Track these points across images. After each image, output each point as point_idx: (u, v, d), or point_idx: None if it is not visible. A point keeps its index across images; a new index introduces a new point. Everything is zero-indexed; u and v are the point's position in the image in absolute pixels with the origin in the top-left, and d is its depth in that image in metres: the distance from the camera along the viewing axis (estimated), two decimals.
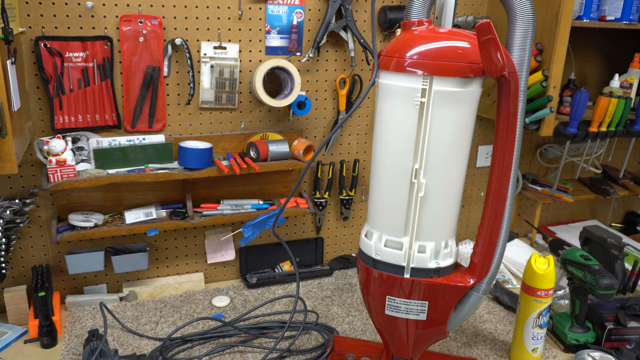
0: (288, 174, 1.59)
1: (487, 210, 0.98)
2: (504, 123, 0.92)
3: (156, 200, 1.48)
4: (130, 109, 1.38)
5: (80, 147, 1.36)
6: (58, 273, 1.45)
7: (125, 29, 1.31)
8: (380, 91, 0.96)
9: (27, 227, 1.39)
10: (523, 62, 0.91)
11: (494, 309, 1.49)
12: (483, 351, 1.30)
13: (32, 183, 1.37)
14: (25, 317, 1.36)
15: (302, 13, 1.47)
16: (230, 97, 1.47)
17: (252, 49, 1.45)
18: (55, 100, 1.30)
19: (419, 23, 0.93)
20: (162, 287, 1.53)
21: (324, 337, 1.32)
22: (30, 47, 1.26)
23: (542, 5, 1.45)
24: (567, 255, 1.30)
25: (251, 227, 1.49)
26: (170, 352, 1.25)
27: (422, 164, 0.92)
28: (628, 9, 1.56)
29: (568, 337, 1.31)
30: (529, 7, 0.88)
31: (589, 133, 1.59)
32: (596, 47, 1.85)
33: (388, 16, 1.51)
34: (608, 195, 1.92)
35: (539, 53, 1.47)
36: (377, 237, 1.00)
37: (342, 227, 1.74)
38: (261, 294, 1.54)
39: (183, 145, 1.39)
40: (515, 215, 1.94)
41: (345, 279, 1.65)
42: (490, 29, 0.79)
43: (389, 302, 1.01)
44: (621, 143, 2.04)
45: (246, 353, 1.27)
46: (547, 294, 1.21)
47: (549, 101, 1.48)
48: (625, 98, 1.56)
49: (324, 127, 1.61)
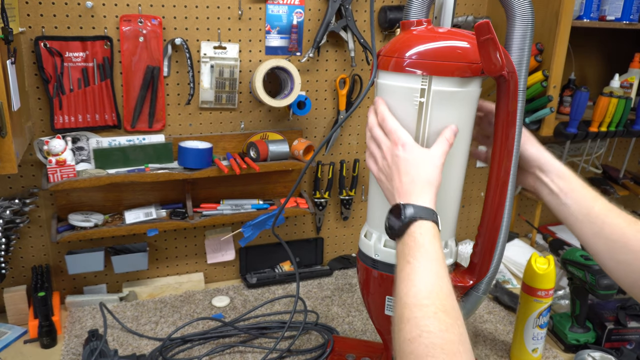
0: (288, 174, 1.59)
1: (487, 210, 0.98)
2: (504, 123, 0.92)
3: (156, 200, 1.48)
4: (130, 109, 1.38)
5: (80, 147, 1.36)
6: (58, 273, 1.45)
7: (125, 29, 1.31)
8: (380, 91, 0.95)
9: (27, 227, 1.39)
10: (522, 62, 0.91)
11: (494, 309, 1.49)
12: (483, 351, 1.30)
13: (32, 183, 1.37)
14: (25, 317, 1.36)
15: (302, 13, 1.47)
16: (230, 97, 1.47)
17: (252, 49, 1.45)
18: (55, 100, 1.30)
19: (418, 23, 0.93)
20: (162, 287, 1.53)
21: (324, 337, 1.32)
22: (30, 47, 1.26)
23: (542, 5, 1.45)
24: (567, 255, 1.30)
25: (251, 227, 1.49)
26: (170, 352, 1.25)
27: None
28: (628, 9, 1.56)
29: (568, 337, 1.31)
30: (528, 7, 0.88)
31: (589, 133, 1.59)
32: (596, 47, 1.85)
33: (388, 16, 1.51)
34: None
35: (539, 53, 1.47)
36: (376, 237, 1.00)
37: (342, 227, 1.74)
38: (261, 294, 1.54)
39: (183, 145, 1.39)
40: (515, 215, 1.94)
41: (345, 279, 1.65)
42: (489, 28, 0.79)
43: (389, 302, 1.01)
44: (621, 143, 2.04)
45: (246, 353, 1.27)
46: (547, 294, 1.21)
47: (549, 101, 1.48)
48: (626, 98, 1.56)
49: (324, 127, 1.61)
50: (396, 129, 0.87)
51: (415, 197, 0.81)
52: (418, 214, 0.79)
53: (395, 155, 0.85)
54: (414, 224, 0.78)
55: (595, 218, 0.88)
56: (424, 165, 0.84)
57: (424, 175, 0.83)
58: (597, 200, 0.90)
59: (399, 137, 0.86)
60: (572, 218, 0.91)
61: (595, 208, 0.89)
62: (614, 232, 0.86)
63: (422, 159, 0.84)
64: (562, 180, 0.93)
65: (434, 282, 0.72)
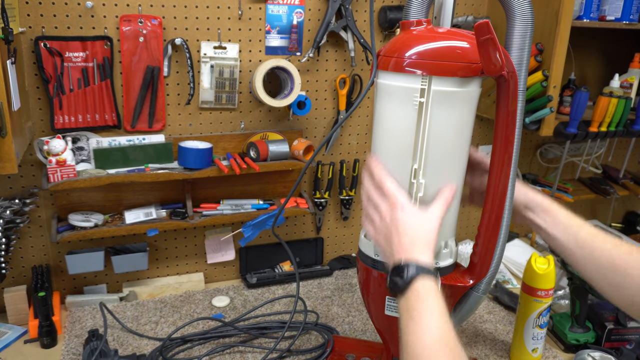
0: (288, 174, 1.59)
1: (487, 210, 0.98)
2: (504, 123, 0.92)
3: (156, 200, 1.48)
4: (130, 109, 1.38)
5: (80, 147, 1.36)
6: (58, 273, 1.45)
7: (125, 29, 1.31)
8: (379, 91, 0.96)
9: (27, 227, 1.39)
10: (522, 62, 0.91)
11: (494, 309, 1.49)
12: (483, 351, 1.30)
13: (32, 183, 1.37)
14: (25, 317, 1.36)
15: (302, 13, 1.47)
16: (230, 97, 1.47)
17: (252, 49, 1.45)
18: (55, 100, 1.30)
19: (417, 23, 0.93)
20: (162, 287, 1.53)
21: (324, 337, 1.32)
22: (30, 47, 1.26)
23: (542, 5, 1.45)
24: None
25: (251, 227, 1.49)
26: (170, 352, 1.25)
27: (422, 164, 0.92)
28: (628, 9, 1.55)
29: (568, 337, 1.31)
30: (528, 7, 0.88)
31: (589, 133, 1.59)
32: (596, 47, 1.85)
33: (388, 16, 1.51)
34: (608, 195, 1.92)
35: (539, 53, 1.47)
36: None
37: (342, 227, 1.74)
38: (261, 294, 1.54)
39: (183, 145, 1.39)
40: None
41: (345, 279, 1.65)
42: (489, 28, 0.79)
43: (389, 302, 1.01)
44: (621, 143, 2.04)
45: (246, 353, 1.27)
46: (547, 294, 1.21)
47: (549, 101, 1.48)
48: (625, 98, 1.56)
49: (324, 127, 1.61)
50: (394, 191, 0.90)
51: (415, 256, 0.85)
52: (420, 272, 0.83)
53: (395, 217, 0.89)
54: (417, 282, 0.82)
55: (583, 244, 0.92)
56: (422, 227, 0.88)
57: (423, 237, 0.87)
58: (582, 228, 0.94)
59: (397, 199, 0.90)
60: (564, 248, 0.95)
61: (582, 235, 0.93)
62: (603, 256, 0.89)
63: (421, 221, 0.88)
64: (547, 214, 0.97)
65: (440, 336, 0.76)
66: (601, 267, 0.89)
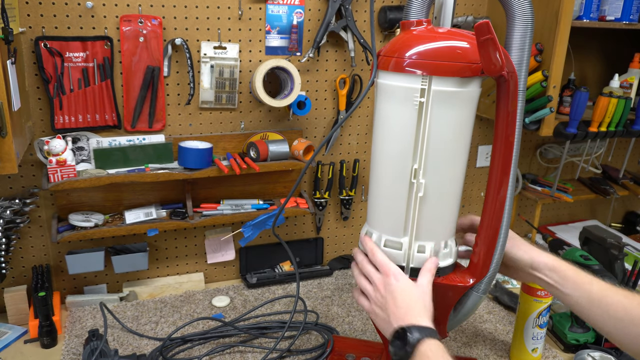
0: (288, 174, 1.59)
1: (487, 210, 0.98)
2: (504, 123, 0.92)
3: (156, 200, 1.48)
4: (130, 109, 1.38)
5: (80, 147, 1.36)
6: (58, 273, 1.45)
7: (125, 29, 1.31)
8: (379, 91, 0.96)
9: (27, 227, 1.39)
10: (522, 62, 0.91)
11: (494, 309, 1.49)
12: (483, 351, 1.30)
13: (32, 183, 1.37)
14: (25, 317, 1.36)
15: (302, 13, 1.47)
16: (230, 97, 1.47)
17: (252, 49, 1.46)
18: (56, 100, 1.30)
19: (417, 23, 0.93)
20: (162, 287, 1.53)
21: (324, 337, 1.32)
22: (30, 47, 1.26)
23: (541, 5, 1.45)
24: (567, 255, 1.30)
25: (251, 227, 1.49)
26: (170, 352, 1.25)
27: (422, 164, 0.92)
28: (628, 9, 1.56)
29: (568, 337, 1.31)
30: (528, 7, 0.88)
31: (589, 133, 1.59)
32: (596, 47, 1.85)
33: (388, 16, 1.51)
34: (608, 195, 1.92)
35: (538, 53, 1.47)
36: (376, 237, 1.00)
37: (342, 227, 1.74)
38: (261, 294, 1.54)
39: (183, 145, 1.39)
40: (515, 215, 1.94)
41: (345, 279, 1.65)
42: (489, 28, 0.80)
43: None
44: (621, 143, 2.04)
45: (246, 353, 1.27)
46: (547, 294, 1.21)
47: (548, 101, 1.48)
48: (625, 98, 1.56)
49: (324, 127, 1.61)
50: (387, 261, 0.94)
51: (415, 320, 0.86)
52: (424, 334, 0.83)
53: (389, 284, 0.92)
54: (423, 345, 0.82)
55: (598, 303, 0.93)
56: (416, 293, 0.91)
57: (420, 302, 0.90)
58: (592, 284, 0.95)
59: (389, 268, 0.93)
60: (577, 305, 0.96)
61: (594, 291, 0.94)
62: (618, 310, 0.90)
63: (414, 288, 0.92)
64: (555, 272, 0.98)
65: None
66: (618, 322, 0.90)
